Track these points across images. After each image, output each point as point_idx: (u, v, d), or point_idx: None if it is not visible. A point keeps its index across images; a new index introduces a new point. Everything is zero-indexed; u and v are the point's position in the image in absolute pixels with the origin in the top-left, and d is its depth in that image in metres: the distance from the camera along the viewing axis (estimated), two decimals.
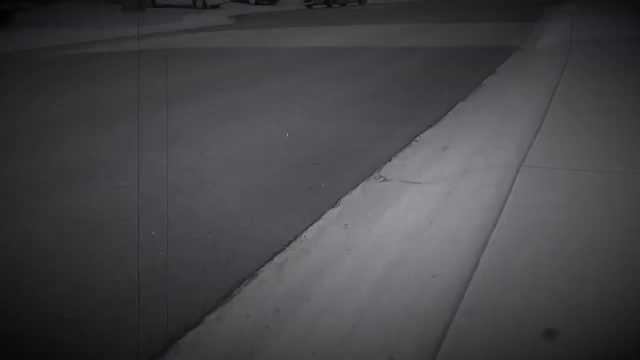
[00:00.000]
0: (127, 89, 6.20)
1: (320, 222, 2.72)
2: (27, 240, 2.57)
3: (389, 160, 3.65)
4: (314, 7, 28.24)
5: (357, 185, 3.21)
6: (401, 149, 3.90)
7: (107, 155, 3.77)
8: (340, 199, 3.01)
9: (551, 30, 10.88)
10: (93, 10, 23.04)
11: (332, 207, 2.90)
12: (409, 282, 1.98)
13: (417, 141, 4.10)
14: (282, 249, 2.43)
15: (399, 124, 4.50)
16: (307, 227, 2.65)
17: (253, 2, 33.65)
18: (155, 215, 2.80)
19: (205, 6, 28.47)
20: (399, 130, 4.35)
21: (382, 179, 3.35)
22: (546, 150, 3.22)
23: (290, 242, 2.50)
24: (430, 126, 4.46)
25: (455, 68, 7.11)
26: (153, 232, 2.60)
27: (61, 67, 8.38)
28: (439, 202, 2.78)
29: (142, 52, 10.54)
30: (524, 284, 1.82)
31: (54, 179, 3.32)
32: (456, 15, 17.03)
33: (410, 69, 7.16)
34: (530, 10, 17.68)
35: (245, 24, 19.02)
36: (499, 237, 2.16)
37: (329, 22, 17.60)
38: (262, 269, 2.27)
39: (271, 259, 2.35)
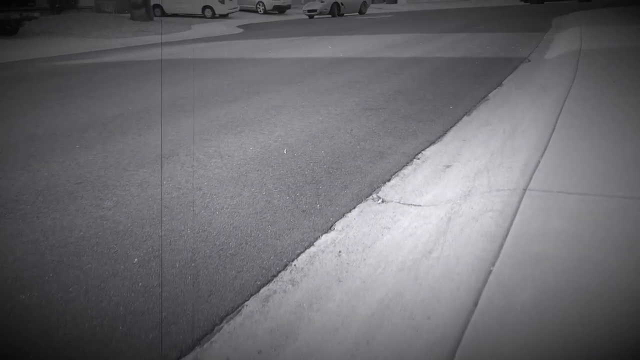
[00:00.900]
0: (126, 101, 6.11)
1: (312, 248, 2.57)
2: (1, 267, 2.44)
3: (389, 180, 3.50)
4: (315, 17, 28.11)
5: (354, 208, 3.06)
6: (402, 167, 3.76)
7: (97, 172, 3.65)
8: (335, 222, 2.86)
9: (560, 40, 10.71)
10: (102, 19, 23.15)
11: (326, 232, 2.75)
12: (402, 323, 1.82)
13: (418, 158, 3.96)
14: (270, 280, 2.28)
15: (401, 140, 4.35)
16: (299, 255, 2.50)
17: (262, 11, 33.75)
18: (139, 239, 2.66)
19: (214, 15, 28.55)
20: (401, 146, 4.20)
21: (380, 200, 3.20)
22: (553, 171, 3.05)
23: (279, 271, 2.36)
24: (433, 142, 4.32)
25: (461, 80, 6.95)
26: (135, 260, 2.46)
27: (62, 78, 8.31)
28: (438, 228, 2.62)
29: (146, 62, 10.49)
30: (527, 328, 1.66)
31: (39, 199, 3.20)
32: (464, 25, 16.89)
33: (415, 81, 7.01)
34: (539, 20, 17.51)
35: (252, 33, 19.00)
36: (501, 271, 2.00)
37: (335, 31, 17.52)
38: (246, 303, 2.12)
39: (257, 291, 2.20)
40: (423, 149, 4.15)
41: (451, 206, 2.90)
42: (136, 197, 3.21)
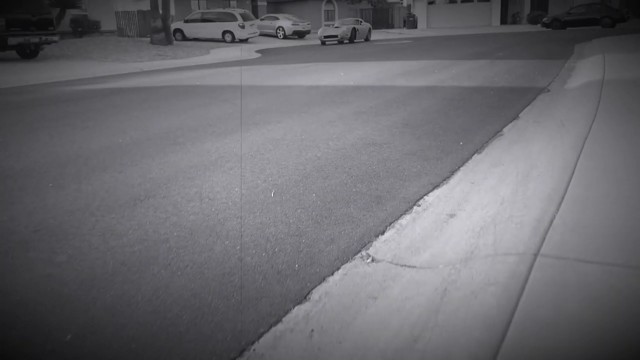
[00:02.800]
0: (119, 132, 5.83)
1: (280, 326, 2.17)
2: None
3: (383, 233, 3.09)
4: (326, 43, 27.84)
5: (338, 269, 2.66)
6: (400, 216, 3.35)
7: (61, 217, 3.32)
8: (313, 289, 2.46)
9: (581, 68, 10.25)
10: (123, 43, 23.38)
11: (300, 302, 2.35)
12: None
13: (419, 205, 3.54)
14: None
15: (402, 182, 3.95)
16: (261, 335, 2.10)
17: (281, 36, 33.94)
18: (82, 307, 2.29)
19: (234, 40, 28.70)
20: (401, 190, 3.80)
21: (370, 259, 2.79)
22: (570, 230, 2.61)
23: (233, 359, 1.95)
24: (437, 185, 3.91)
25: (474, 112, 6.55)
26: (69, 336, 2.09)
27: (64, 104, 8.13)
28: (431, 302, 2.20)
29: (155, 88, 10.33)
30: None
31: None
32: (483, 51, 16.51)
33: (426, 112, 6.63)
34: (560, 46, 17.05)
35: (269, 58, 18.93)
36: None
37: (351, 57, 17.31)
38: None
39: None
40: (426, 194, 3.74)
41: (449, 272, 2.47)
42: (94, 249, 2.85)
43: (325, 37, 27.67)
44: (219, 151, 4.92)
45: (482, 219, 3.12)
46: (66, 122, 6.47)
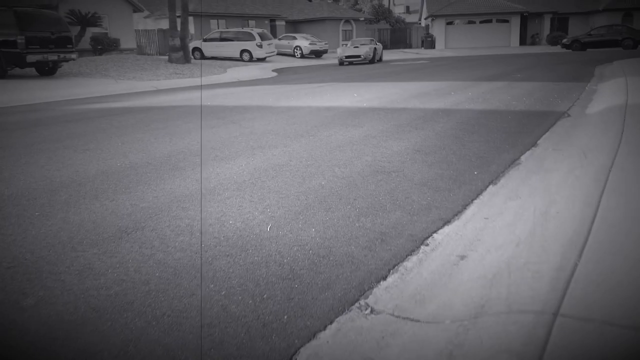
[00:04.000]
0: (118, 155, 5.65)
1: None
2: None
3: (385, 278, 2.80)
4: (344, 64, 27.60)
5: (332, 322, 2.37)
6: (405, 257, 3.06)
7: (39, 252, 3.10)
8: (300, 348, 2.18)
9: (603, 92, 9.90)
10: (141, 62, 23.57)
11: None
12: None
13: (427, 245, 3.25)
14: None
15: (410, 216, 3.67)
16: None
17: (299, 55, 34.05)
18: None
19: (251, 59, 28.79)
20: (409, 225, 3.51)
21: (368, 310, 2.50)
22: (594, 283, 2.30)
23: None
24: (448, 221, 3.61)
25: (491, 137, 6.24)
26: None
27: (70, 124, 8.02)
28: None
29: (167, 108, 10.21)
30: None
31: None
32: (501, 73, 16.20)
33: (439, 137, 6.35)
34: (581, 68, 16.67)
35: (284, 78, 18.87)
36: None
37: (367, 78, 17.13)
38: None
39: None
40: (435, 231, 3.45)
41: (456, 330, 2.17)
42: (67, 291, 2.61)
43: (347, 57, 27.30)
44: (219, 177, 4.69)
45: (495, 263, 2.82)
46: (68, 143, 6.32)
